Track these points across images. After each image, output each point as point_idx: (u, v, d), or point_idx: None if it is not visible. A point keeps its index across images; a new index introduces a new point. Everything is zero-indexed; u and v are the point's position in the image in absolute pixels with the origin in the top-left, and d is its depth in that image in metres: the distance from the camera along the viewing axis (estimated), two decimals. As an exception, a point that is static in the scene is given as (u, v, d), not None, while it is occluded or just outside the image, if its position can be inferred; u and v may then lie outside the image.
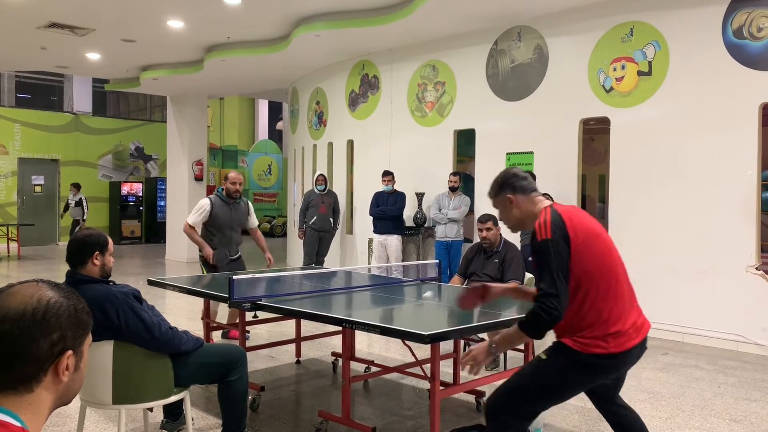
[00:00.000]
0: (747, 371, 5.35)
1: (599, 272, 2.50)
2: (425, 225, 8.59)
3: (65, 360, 1.16)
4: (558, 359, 2.57)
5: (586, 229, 2.53)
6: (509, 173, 2.77)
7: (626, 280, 2.62)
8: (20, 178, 16.59)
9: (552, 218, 2.51)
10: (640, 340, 2.56)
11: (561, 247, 2.45)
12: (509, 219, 2.75)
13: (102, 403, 3.00)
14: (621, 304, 2.54)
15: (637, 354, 2.59)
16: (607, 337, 2.49)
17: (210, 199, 5.84)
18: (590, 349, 2.49)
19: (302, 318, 3.92)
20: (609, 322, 2.50)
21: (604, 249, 2.55)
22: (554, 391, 2.59)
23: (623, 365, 2.61)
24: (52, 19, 8.67)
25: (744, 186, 6.03)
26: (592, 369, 2.53)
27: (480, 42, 8.15)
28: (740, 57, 6.03)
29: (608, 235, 2.66)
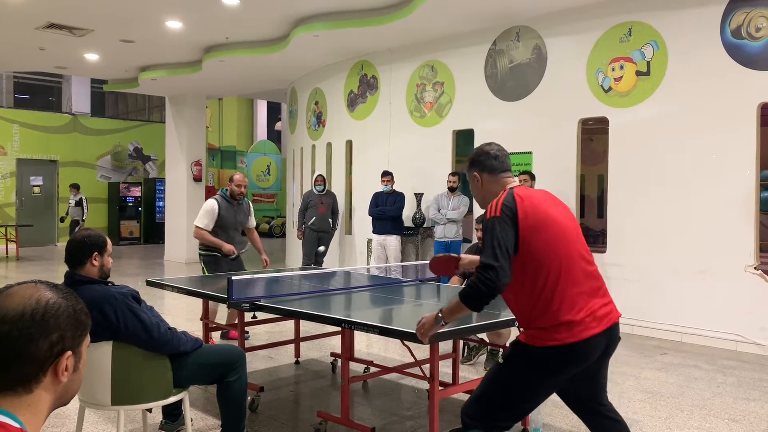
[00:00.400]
0: (746, 371, 5.35)
1: (548, 257, 2.43)
2: (424, 225, 8.59)
3: (64, 360, 1.16)
4: (514, 361, 2.51)
5: (541, 212, 2.47)
6: (480, 151, 2.73)
7: (584, 268, 2.50)
8: (19, 179, 16.57)
9: (504, 198, 2.50)
10: (600, 330, 2.43)
11: (506, 225, 2.42)
12: (475, 195, 2.77)
13: (101, 403, 3.00)
14: (574, 293, 2.42)
15: (598, 345, 2.45)
16: (559, 327, 2.39)
17: (216, 201, 5.86)
18: (543, 342, 2.41)
19: (301, 318, 3.92)
20: (560, 311, 2.40)
21: (557, 234, 2.47)
22: (518, 395, 2.50)
23: (583, 357, 2.44)
24: (50, 20, 8.66)
25: (743, 186, 6.04)
26: (547, 365, 2.43)
27: (479, 42, 8.16)
28: (739, 57, 6.03)
29: (571, 222, 2.58)
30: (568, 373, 2.47)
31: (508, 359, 2.53)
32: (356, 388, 4.72)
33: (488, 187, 2.67)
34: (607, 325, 2.47)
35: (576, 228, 2.59)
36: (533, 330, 2.46)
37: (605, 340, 2.48)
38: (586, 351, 2.43)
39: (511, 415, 2.55)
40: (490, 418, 2.52)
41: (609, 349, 2.54)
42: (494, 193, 2.60)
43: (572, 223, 2.59)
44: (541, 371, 2.45)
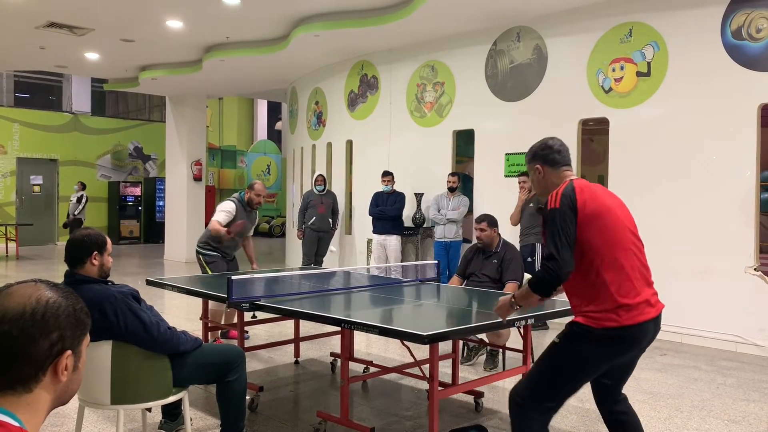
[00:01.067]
0: (745, 372, 5.35)
1: (604, 244, 2.55)
2: (424, 225, 8.59)
3: (64, 360, 1.16)
4: (570, 340, 2.61)
5: (599, 202, 2.60)
6: (544, 144, 2.84)
7: (638, 259, 2.63)
8: (19, 178, 16.58)
9: (564, 190, 2.62)
10: (653, 315, 2.58)
11: (567, 216, 2.55)
12: (536, 186, 2.89)
13: (100, 403, 3.00)
14: (630, 279, 2.56)
15: (650, 331, 2.60)
16: (618, 310, 2.52)
17: (235, 204, 5.89)
18: (602, 323, 2.53)
19: (301, 318, 3.92)
20: (618, 294, 2.53)
21: (615, 223, 2.60)
22: (570, 373, 2.61)
23: (637, 341, 2.59)
24: (50, 19, 8.66)
25: (743, 187, 6.04)
26: (604, 344, 2.55)
27: (479, 42, 8.16)
28: (739, 58, 6.03)
29: (626, 214, 2.70)
30: (621, 355, 2.61)
31: (565, 339, 2.62)
32: (356, 388, 4.72)
33: (550, 179, 2.78)
34: (657, 313, 2.63)
35: (631, 222, 2.71)
36: (594, 313, 2.55)
37: (654, 328, 2.62)
38: (641, 335, 2.58)
39: (561, 395, 2.64)
40: (541, 398, 2.62)
41: (653, 339, 2.67)
42: (555, 184, 2.73)
43: (628, 216, 2.71)
44: (596, 349, 2.56)
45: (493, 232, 5.31)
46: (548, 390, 2.63)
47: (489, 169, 8.14)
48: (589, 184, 2.70)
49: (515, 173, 7.80)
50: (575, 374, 2.62)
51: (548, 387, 2.63)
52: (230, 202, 5.91)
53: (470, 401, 4.34)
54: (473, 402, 4.30)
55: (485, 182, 8.22)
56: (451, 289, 4.87)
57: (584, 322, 2.57)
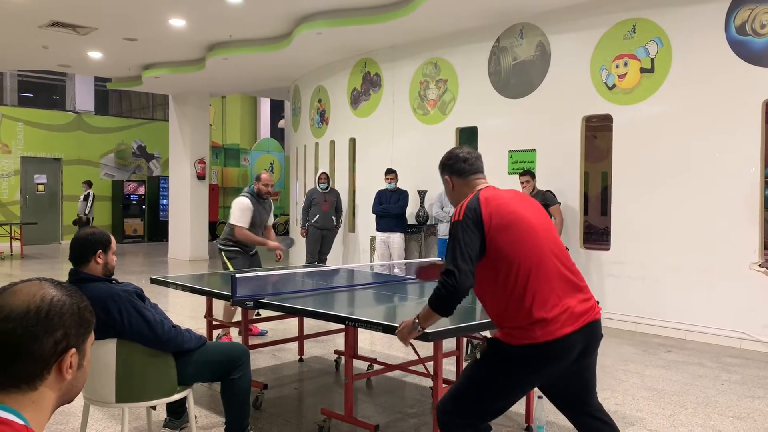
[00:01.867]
0: (750, 368, 5.34)
1: (516, 255, 2.43)
2: (427, 223, 8.58)
3: (69, 358, 1.16)
4: (491, 358, 2.50)
5: (507, 212, 2.48)
6: (451, 155, 2.76)
7: (556, 266, 2.47)
8: (23, 177, 16.62)
9: (469, 202, 2.52)
10: (576, 327, 2.40)
11: (469, 229, 2.44)
12: (449, 198, 2.82)
13: (105, 401, 3.01)
14: (546, 290, 2.41)
15: (575, 343, 2.42)
16: (533, 326, 2.38)
17: (248, 199, 5.88)
18: (519, 341, 2.40)
19: (305, 316, 3.92)
20: (533, 309, 2.38)
21: (525, 232, 2.46)
22: (493, 393, 2.49)
23: (558, 357, 2.42)
24: (54, 18, 8.68)
25: (747, 183, 6.02)
26: (524, 362, 2.42)
27: (482, 39, 8.14)
28: (743, 54, 6.01)
29: (542, 220, 2.57)
30: (545, 371, 2.45)
31: (485, 356, 2.52)
32: (360, 385, 4.72)
33: (459, 190, 2.72)
34: (585, 323, 2.44)
35: (547, 226, 2.58)
36: (509, 329, 2.45)
37: (583, 339, 2.44)
38: (562, 349, 2.41)
39: (486, 411, 2.54)
40: (465, 415, 2.51)
41: (590, 348, 2.50)
42: (465, 194, 2.64)
43: (543, 221, 2.58)
44: (517, 369, 2.45)
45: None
46: (473, 406, 2.50)
47: (492, 166, 8.08)
48: (498, 193, 2.59)
49: (518, 170, 7.79)
50: (499, 393, 2.50)
51: (473, 403, 2.50)
52: (245, 199, 5.87)
53: (474, 398, 4.34)
54: (477, 399, 4.30)
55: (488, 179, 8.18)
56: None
57: (502, 339, 2.46)
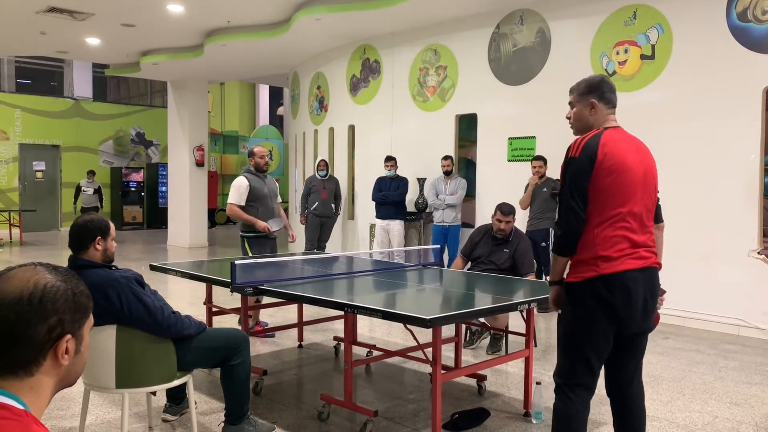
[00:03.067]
0: (748, 355, 5.37)
1: (608, 201, 2.53)
2: (426, 210, 8.58)
3: (64, 344, 1.16)
4: (565, 306, 2.65)
5: (619, 159, 2.54)
6: (603, 79, 2.75)
7: (639, 220, 2.59)
8: (21, 164, 16.59)
9: (590, 139, 2.58)
10: (636, 266, 2.54)
11: (582, 168, 2.53)
12: (579, 121, 2.76)
13: (105, 387, 3.02)
14: (617, 235, 2.53)
15: (637, 282, 2.54)
16: (597, 260, 2.53)
17: (245, 176, 5.83)
18: (583, 275, 2.55)
19: (304, 303, 3.93)
20: (598, 247, 2.53)
21: (626, 183, 2.54)
22: (572, 337, 2.62)
23: (622, 291, 2.53)
24: (51, 4, 8.61)
25: (747, 170, 6.01)
26: (591, 298, 2.54)
27: (482, 26, 8.10)
28: (744, 40, 5.98)
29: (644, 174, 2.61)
30: (612, 310, 2.53)
31: (564, 307, 2.67)
32: (359, 371, 4.74)
33: (597, 118, 2.69)
34: (644, 264, 2.57)
35: (646, 182, 2.62)
36: (578, 267, 2.58)
37: (644, 282, 2.56)
38: (627, 284, 2.53)
39: (574, 360, 2.64)
40: (567, 374, 2.66)
41: (653, 296, 2.61)
42: (593, 126, 2.68)
43: (644, 175, 2.62)
44: (588, 308, 2.56)
45: (513, 221, 5.32)
46: (562, 356, 2.67)
47: (492, 153, 8.11)
48: (619, 137, 2.62)
49: (518, 157, 7.78)
50: (576, 338, 2.62)
51: (562, 354, 2.67)
52: (241, 177, 5.83)
53: (473, 384, 4.37)
54: (476, 385, 4.32)
55: (488, 167, 8.19)
56: (453, 273, 4.88)
57: (570, 279, 2.61)
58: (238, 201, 5.72)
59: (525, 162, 7.53)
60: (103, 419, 3.76)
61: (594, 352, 2.63)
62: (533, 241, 7.09)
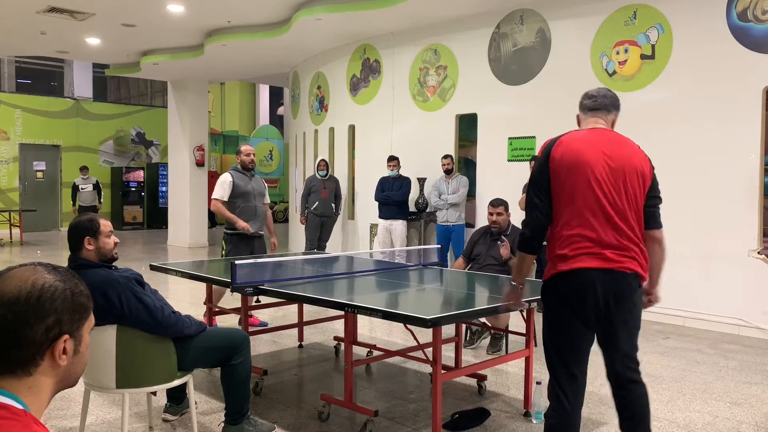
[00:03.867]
0: (748, 355, 5.36)
1: (566, 199, 2.58)
2: (427, 210, 8.58)
3: (61, 344, 1.15)
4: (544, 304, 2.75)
5: (574, 155, 2.58)
6: (585, 93, 2.84)
7: (604, 219, 2.55)
8: (22, 164, 16.59)
9: (552, 140, 2.68)
10: (595, 266, 2.54)
11: (540, 167, 2.65)
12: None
13: (106, 387, 3.02)
14: (575, 234, 2.57)
15: (595, 281, 2.53)
16: (555, 259, 2.63)
17: (230, 173, 5.91)
18: (547, 274, 2.66)
19: (305, 303, 3.93)
20: (558, 244, 2.61)
21: (582, 180, 2.56)
22: (548, 336, 2.69)
23: (579, 288, 2.55)
24: (51, 4, 8.62)
25: (747, 170, 6.01)
26: (554, 294, 2.64)
27: (482, 25, 8.10)
28: (744, 40, 5.98)
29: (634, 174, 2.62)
30: (571, 305, 2.59)
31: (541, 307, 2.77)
32: (359, 371, 4.74)
33: (581, 126, 2.81)
34: (606, 267, 2.54)
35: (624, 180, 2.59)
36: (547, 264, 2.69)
37: (604, 282, 2.54)
38: (580, 281, 2.56)
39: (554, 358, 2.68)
40: (551, 372, 2.71)
41: (616, 300, 2.56)
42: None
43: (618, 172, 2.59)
44: (554, 304, 2.66)
45: (508, 215, 5.41)
46: (550, 358, 2.71)
47: (492, 153, 8.11)
48: (582, 135, 2.67)
49: (518, 157, 7.78)
50: (552, 336, 2.69)
51: (549, 356, 2.72)
52: (226, 174, 5.93)
53: (473, 384, 4.37)
54: (476, 385, 4.32)
55: (488, 166, 8.19)
56: (453, 273, 4.88)
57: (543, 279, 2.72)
58: (221, 196, 5.79)
59: (525, 162, 7.53)
60: (104, 419, 3.76)
61: (568, 350, 2.65)
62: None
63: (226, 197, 5.79)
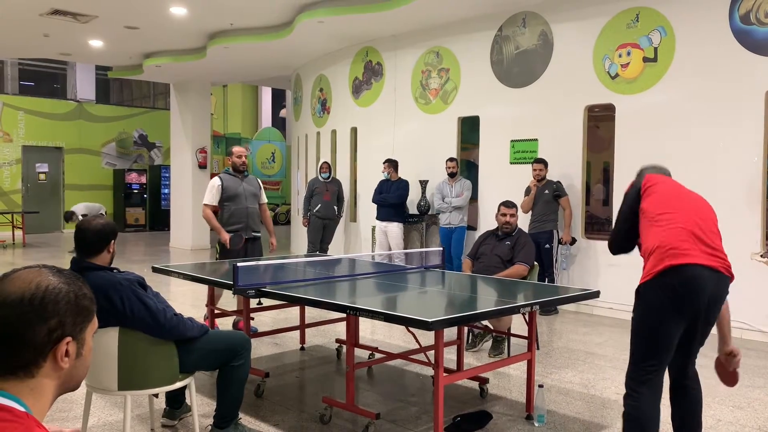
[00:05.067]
0: (751, 358, 5.35)
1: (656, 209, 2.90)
2: (429, 213, 8.58)
3: (63, 346, 1.15)
4: (637, 306, 2.82)
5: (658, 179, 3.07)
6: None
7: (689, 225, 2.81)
8: (24, 166, 16.62)
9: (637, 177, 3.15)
10: (705, 263, 2.69)
11: (630, 199, 3.05)
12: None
13: (108, 389, 3.02)
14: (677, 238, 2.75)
15: (703, 278, 2.68)
16: (664, 257, 2.73)
17: (219, 176, 5.90)
18: (654, 271, 2.73)
19: (306, 305, 3.92)
20: (664, 246, 2.75)
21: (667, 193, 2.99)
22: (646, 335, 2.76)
23: (691, 284, 2.68)
24: (54, 6, 8.64)
25: (750, 173, 6.00)
26: (662, 291, 2.71)
27: (484, 28, 8.10)
28: (747, 43, 5.98)
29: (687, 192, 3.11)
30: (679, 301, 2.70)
31: (634, 309, 2.84)
32: (361, 374, 4.74)
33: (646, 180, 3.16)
34: (712, 264, 2.72)
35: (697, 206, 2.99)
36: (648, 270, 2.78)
37: (712, 280, 2.71)
38: (695, 276, 2.69)
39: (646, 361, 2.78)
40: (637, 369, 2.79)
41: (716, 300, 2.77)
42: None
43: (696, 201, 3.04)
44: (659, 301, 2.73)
45: (517, 216, 5.56)
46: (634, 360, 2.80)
47: (494, 155, 8.11)
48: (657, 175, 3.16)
49: (520, 160, 7.78)
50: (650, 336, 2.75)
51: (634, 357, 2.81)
52: (215, 178, 5.91)
53: (475, 387, 4.36)
54: (478, 388, 4.32)
55: (490, 169, 8.19)
56: (455, 275, 4.88)
57: (641, 281, 2.80)
58: (210, 201, 5.79)
59: (527, 164, 7.53)
60: (105, 421, 3.76)
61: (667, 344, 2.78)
62: (536, 243, 7.09)
63: (215, 201, 5.78)
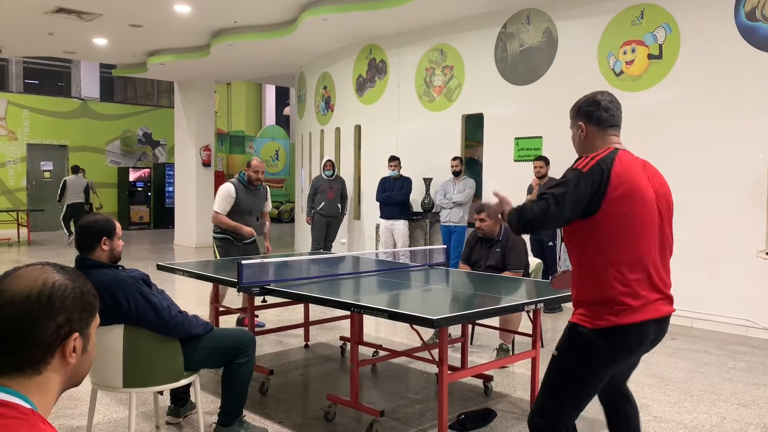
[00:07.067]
0: (756, 356, 5.33)
1: (620, 234, 2.28)
2: (433, 210, 8.58)
3: (71, 342, 1.17)
4: (567, 351, 2.39)
5: (632, 185, 2.29)
6: (591, 99, 2.50)
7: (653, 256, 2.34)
8: (29, 164, 16.67)
9: (604, 157, 2.32)
10: (653, 317, 2.31)
11: (588, 186, 2.26)
12: (576, 147, 2.56)
13: (113, 386, 3.03)
14: (635, 278, 2.28)
15: (649, 332, 2.34)
16: (613, 306, 2.27)
17: (234, 185, 5.78)
18: (595, 324, 2.29)
19: (311, 303, 3.93)
20: (618, 292, 2.27)
21: (638, 212, 2.29)
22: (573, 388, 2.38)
23: (643, 340, 2.35)
24: (58, 4, 8.65)
25: (755, 170, 5.98)
26: (605, 349, 2.30)
27: (488, 25, 8.08)
28: (753, 40, 5.95)
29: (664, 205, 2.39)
30: (621, 358, 2.37)
31: (562, 351, 2.41)
32: (365, 371, 4.74)
33: (591, 142, 2.47)
34: (660, 315, 2.36)
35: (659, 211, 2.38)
36: (589, 306, 2.33)
37: (655, 330, 2.37)
38: (643, 332, 2.32)
39: (568, 410, 2.41)
40: (560, 414, 2.40)
41: (655, 341, 2.44)
42: (596, 148, 2.42)
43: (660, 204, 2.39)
44: (596, 358, 2.33)
45: (494, 222, 5.06)
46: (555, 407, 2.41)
47: (498, 153, 8.10)
48: (633, 161, 2.38)
49: (525, 158, 7.76)
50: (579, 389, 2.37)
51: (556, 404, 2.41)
52: (228, 185, 5.79)
53: (479, 385, 4.36)
54: (482, 386, 4.31)
55: (494, 167, 8.18)
56: (459, 273, 4.87)
57: (578, 322, 2.34)
58: (222, 210, 5.73)
59: (531, 162, 7.52)
60: (111, 418, 3.77)
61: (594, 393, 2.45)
62: (539, 241, 7.08)
63: (227, 212, 5.74)
